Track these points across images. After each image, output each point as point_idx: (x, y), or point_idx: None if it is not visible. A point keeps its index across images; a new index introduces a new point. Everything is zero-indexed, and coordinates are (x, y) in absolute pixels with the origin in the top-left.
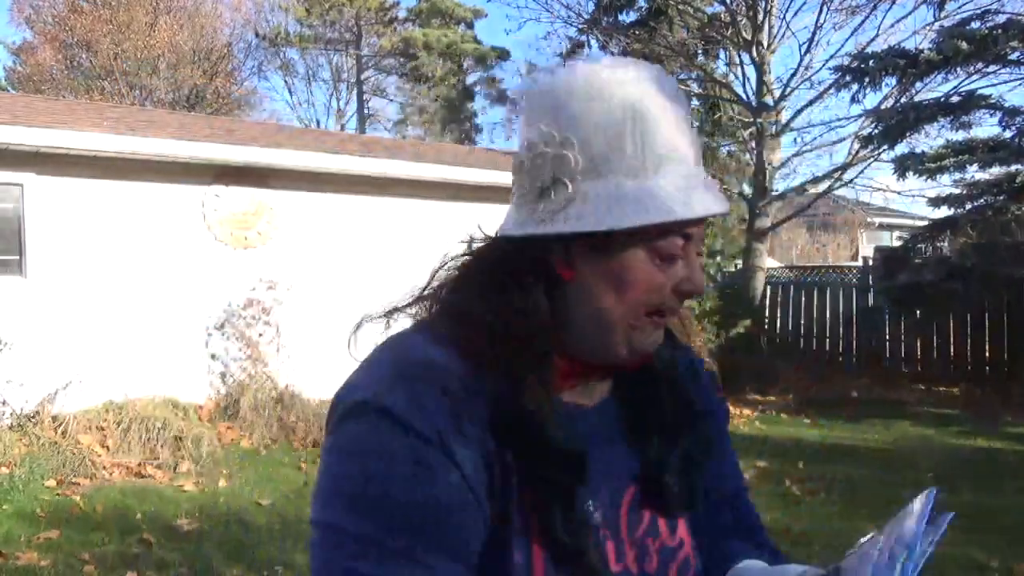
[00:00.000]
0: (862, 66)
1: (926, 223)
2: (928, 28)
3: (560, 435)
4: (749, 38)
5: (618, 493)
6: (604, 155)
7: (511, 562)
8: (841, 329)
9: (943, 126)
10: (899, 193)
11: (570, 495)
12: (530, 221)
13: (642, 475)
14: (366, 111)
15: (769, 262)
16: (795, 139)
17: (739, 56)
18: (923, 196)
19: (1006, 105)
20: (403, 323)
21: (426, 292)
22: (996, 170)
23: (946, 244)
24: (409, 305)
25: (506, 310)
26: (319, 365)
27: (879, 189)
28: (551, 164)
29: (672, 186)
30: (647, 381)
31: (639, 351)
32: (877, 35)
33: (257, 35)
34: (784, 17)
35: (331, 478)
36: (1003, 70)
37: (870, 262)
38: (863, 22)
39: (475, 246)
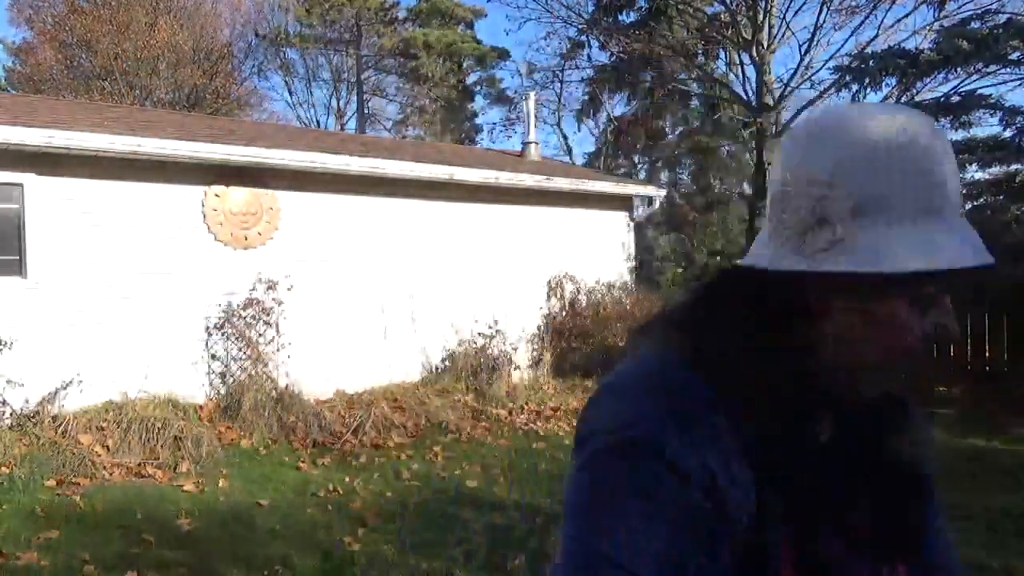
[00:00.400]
0: (862, 66)
1: None
2: (928, 28)
3: (818, 472)
4: (749, 38)
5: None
6: (878, 199)
7: None
8: None
9: (943, 126)
10: None
11: (815, 530)
12: (792, 257)
13: (860, 515)
14: (366, 111)
15: None
16: None
17: (739, 56)
18: None
19: (1006, 105)
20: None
21: (672, 317)
22: (996, 170)
23: None
24: (653, 329)
25: (771, 348)
26: (319, 365)
27: None
28: (818, 204)
29: (946, 234)
30: (870, 418)
31: (884, 391)
32: (877, 35)
33: (257, 35)
34: (784, 17)
35: (604, 508)
36: (1003, 70)
37: None
38: (863, 22)
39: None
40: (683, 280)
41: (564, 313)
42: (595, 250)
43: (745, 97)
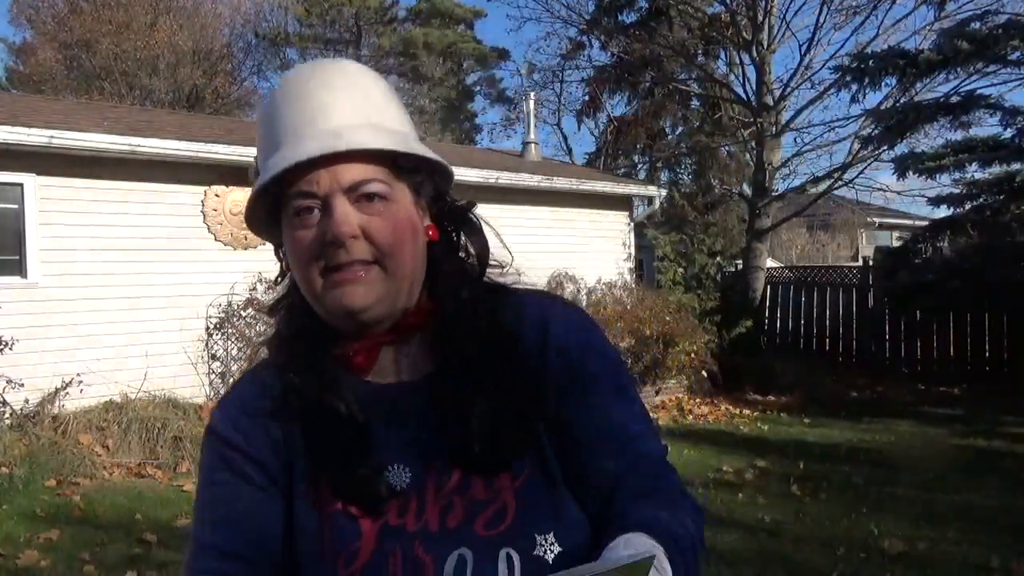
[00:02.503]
0: (862, 66)
1: (926, 223)
2: (928, 28)
3: (335, 403)
4: (749, 38)
5: (428, 459)
6: (258, 155)
7: (303, 532)
8: (841, 329)
9: (943, 126)
10: (899, 193)
11: (352, 458)
12: None
13: (449, 438)
14: None
15: (769, 262)
16: (795, 139)
17: (739, 56)
18: (923, 196)
19: (1006, 105)
20: None
21: None
22: (996, 170)
23: (946, 244)
24: None
25: (274, 307)
26: None
27: (879, 189)
28: None
29: (276, 158)
30: (455, 345)
31: (336, 311)
32: (877, 35)
33: (257, 35)
34: (784, 17)
35: (198, 482)
36: (1003, 70)
37: (870, 262)
38: (863, 22)
39: None
40: (683, 280)
41: None
42: (595, 250)
43: (745, 97)
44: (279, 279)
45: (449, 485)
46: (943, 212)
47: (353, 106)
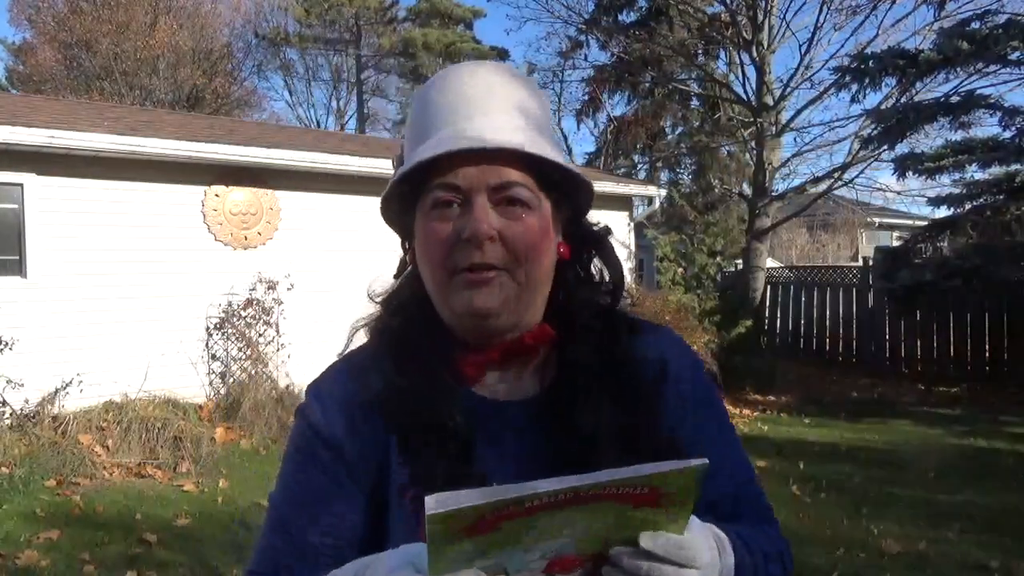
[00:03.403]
0: (862, 66)
1: (926, 223)
2: (928, 28)
3: (443, 414)
4: (749, 38)
5: (528, 477)
6: (407, 142)
7: (389, 537)
8: (841, 329)
9: (943, 126)
10: (899, 193)
11: (456, 472)
12: None
13: (549, 456)
14: (366, 111)
15: (769, 262)
16: (795, 139)
17: (739, 56)
18: (923, 196)
19: (1006, 105)
20: None
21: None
22: (996, 170)
23: (946, 244)
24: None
25: (388, 301)
26: (319, 365)
27: (879, 189)
28: None
29: (425, 147)
30: (578, 372)
31: (460, 311)
32: (877, 35)
33: (257, 35)
34: (784, 17)
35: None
36: (1003, 70)
37: (870, 262)
38: (863, 22)
39: None
40: (683, 280)
41: None
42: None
43: (745, 97)
44: (398, 274)
45: None
46: (943, 212)
47: (509, 109)
